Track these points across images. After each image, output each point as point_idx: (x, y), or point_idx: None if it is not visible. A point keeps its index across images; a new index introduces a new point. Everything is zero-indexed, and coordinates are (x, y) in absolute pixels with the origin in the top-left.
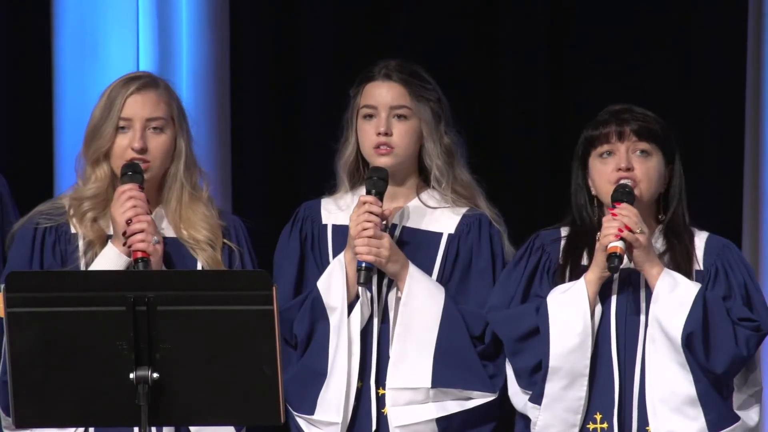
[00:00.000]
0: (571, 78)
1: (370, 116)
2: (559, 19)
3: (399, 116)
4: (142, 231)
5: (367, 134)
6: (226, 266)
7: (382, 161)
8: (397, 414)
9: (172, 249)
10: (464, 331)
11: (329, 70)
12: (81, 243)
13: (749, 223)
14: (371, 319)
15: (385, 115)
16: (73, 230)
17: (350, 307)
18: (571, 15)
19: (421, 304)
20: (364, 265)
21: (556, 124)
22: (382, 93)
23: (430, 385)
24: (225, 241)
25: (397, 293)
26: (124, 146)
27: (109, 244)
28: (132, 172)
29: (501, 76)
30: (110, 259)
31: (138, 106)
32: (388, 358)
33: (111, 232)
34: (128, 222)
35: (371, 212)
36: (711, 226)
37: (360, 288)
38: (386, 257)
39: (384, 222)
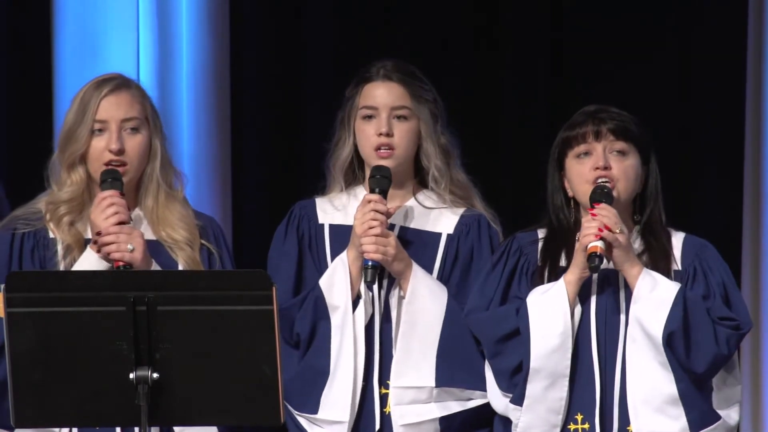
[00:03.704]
0: (570, 79)
1: (369, 117)
2: (560, 19)
3: (399, 117)
4: (115, 243)
5: (367, 135)
6: (205, 267)
7: (383, 163)
8: (401, 413)
9: (153, 251)
10: (467, 331)
11: (330, 70)
12: (59, 248)
13: (749, 224)
14: (373, 318)
15: (385, 115)
16: (51, 235)
17: (353, 306)
18: (571, 15)
19: (424, 303)
20: (370, 263)
21: (557, 125)
22: (383, 94)
23: (434, 385)
24: (203, 242)
25: (399, 292)
26: (101, 148)
27: (88, 249)
28: (112, 179)
29: (501, 76)
30: (90, 264)
31: (113, 108)
32: (390, 356)
33: (89, 235)
34: (98, 234)
35: (377, 210)
36: (711, 226)
37: (362, 287)
38: (393, 255)
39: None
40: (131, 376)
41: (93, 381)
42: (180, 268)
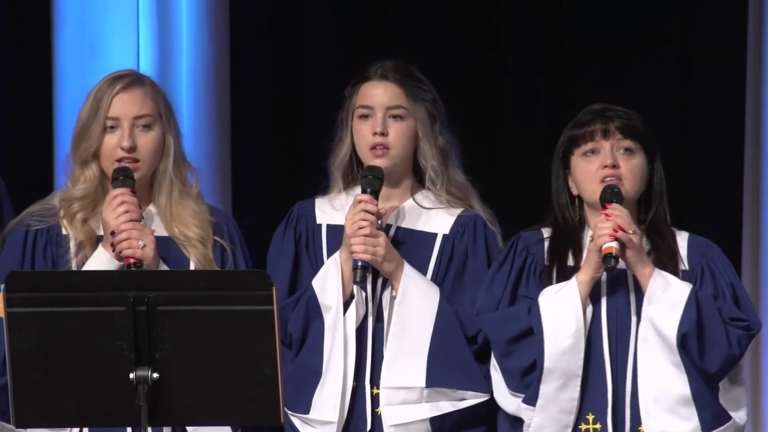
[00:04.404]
0: (570, 80)
1: (365, 116)
2: (560, 19)
3: (395, 116)
4: (127, 239)
5: (362, 134)
6: (218, 264)
7: (378, 162)
8: (391, 413)
9: (164, 248)
10: (459, 331)
11: (330, 70)
12: (72, 244)
13: (749, 224)
14: (366, 318)
15: (381, 115)
16: (64, 232)
17: (345, 307)
18: (571, 15)
19: (416, 303)
20: (360, 263)
21: (557, 125)
22: (379, 93)
23: (424, 385)
24: (216, 238)
25: (391, 292)
26: (113, 146)
27: (100, 247)
28: (123, 176)
29: (501, 76)
30: (102, 263)
31: (125, 105)
32: (382, 357)
33: (101, 232)
34: (112, 233)
35: (367, 211)
36: (711, 226)
37: (355, 287)
38: (382, 256)
39: (379, 221)
40: (131, 376)
41: (93, 381)
42: (192, 265)
